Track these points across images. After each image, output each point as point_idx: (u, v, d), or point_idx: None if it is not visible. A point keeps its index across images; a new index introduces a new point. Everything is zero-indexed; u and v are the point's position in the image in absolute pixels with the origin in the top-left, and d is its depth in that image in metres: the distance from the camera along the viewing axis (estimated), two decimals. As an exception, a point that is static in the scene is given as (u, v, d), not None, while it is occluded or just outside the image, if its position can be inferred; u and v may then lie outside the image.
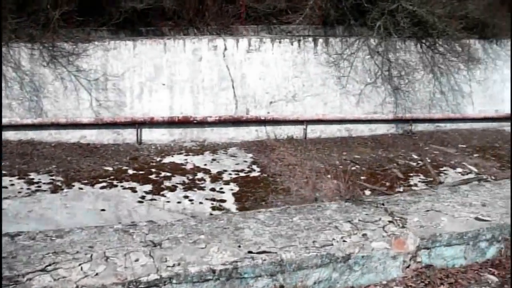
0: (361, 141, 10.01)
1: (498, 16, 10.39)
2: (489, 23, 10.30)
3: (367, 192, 7.45)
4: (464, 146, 10.13)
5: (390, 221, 3.28)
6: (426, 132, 10.71)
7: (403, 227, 3.20)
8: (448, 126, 10.89)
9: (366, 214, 3.36)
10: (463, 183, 7.82)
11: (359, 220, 3.36)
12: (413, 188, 7.72)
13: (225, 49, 9.09)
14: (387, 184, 7.85)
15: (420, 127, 10.63)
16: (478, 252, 3.23)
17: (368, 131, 10.21)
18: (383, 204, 3.41)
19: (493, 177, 8.26)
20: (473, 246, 3.14)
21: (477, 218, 3.03)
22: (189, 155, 8.77)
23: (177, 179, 7.60)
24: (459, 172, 8.52)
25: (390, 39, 9.73)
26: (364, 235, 3.17)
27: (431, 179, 8.12)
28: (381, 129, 10.32)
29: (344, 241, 3.13)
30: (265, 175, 7.91)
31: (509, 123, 10.96)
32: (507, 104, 11.23)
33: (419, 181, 8.06)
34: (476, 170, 8.66)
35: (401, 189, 7.69)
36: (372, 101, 10.14)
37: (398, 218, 3.23)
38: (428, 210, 3.23)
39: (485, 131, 11.23)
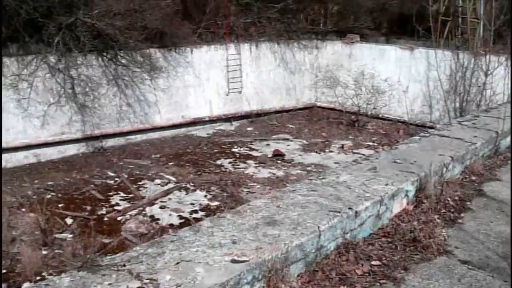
0: (52, 166, 15.61)
1: (175, 25, 18.08)
2: (167, 32, 17.86)
3: (69, 221, 11.90)
4: (158, 156, 16.95)
5: (140, 288, 3.89)
6: (118, 147, 17.25)
7: (157, 292, 3.73)
8: (139, 137, 17.87)
9: (110, 284, 3.89)
10: (164, 194, 13.71)
11: (104, 296, 3.79)
12: (116, 208, 12.85)
13: None
14: (88, 208, 12.77)
15: (111, 142, 17.11)
16: (240, 299, 3.95)
17: (58, 154, 16.04)
18: (124, 266, 4.05)
19: (192, 183, 14.60)
20: (236, 294, 3.88)
21: (234, 261, 3.92)
22: None
23: None
24: (159, 184, 14.55)
25: (70, 54, 15.68)
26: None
27: (132, 195, 13.60)
28: (71, 150, 16.34)
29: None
30: None
31: (196, 128, 19.27)
32: (192, 110, 19.33)
33: (120, 200, 13.40)
34: (174, 179, 14.86)
35: (103, 211, 12.68)
36: (59, 122, 15.92)
37: (148, 281, 3.86)
38: (178, 262, 3.94)
39: (175, 137, 18.75)
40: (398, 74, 21.58)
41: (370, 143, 19.62)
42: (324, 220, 4.55)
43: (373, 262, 4.51)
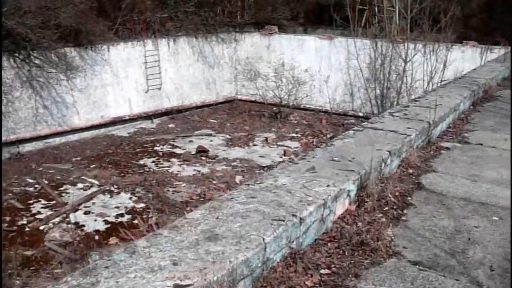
0: (-35, 175, 15.20)
1: (90, 23, 17.53)
2: (83, 30, 17.29)
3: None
4: (79, 159, 16.49)
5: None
6: (36, 151, 16.61)
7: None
8: (58, 140, 17.25)
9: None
10: (88, 199, 13.41)
11: None
12: (38, 216, 12.38)
13: None
14: (7, 219, 12.23)
15: (28, 147, 16.44)
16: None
17: (-30, 162, 15.49)
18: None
19: (116, 186, 14.31)
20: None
21: (177, 286, 3.69)
22: None
23: None
24: (81, 188, 14.19)
25: (-22, 56, 15.23)
26: None
27: (54, 202, 13.19)
28: (-15, 157, 15.84)
29: None
30: None
31: (116, 127, 18.82)
32: (111, 109, 18.84)
33: (42, 207, 12.97)
34: (97, 182, 14.55)
35: (24, 221, 12.23)
36: (-30, 128, 15.41)
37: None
38: (116, 292, 3.37)
39: (95, 139, 18.26)
40: (318, 64, 21.84)
41: (294, 135, 19.78)
42: (269, 231, 4.25)
43: (322, 271, 4.33)
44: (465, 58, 19.16)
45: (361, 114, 21.43)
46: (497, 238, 4.88)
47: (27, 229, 11.95)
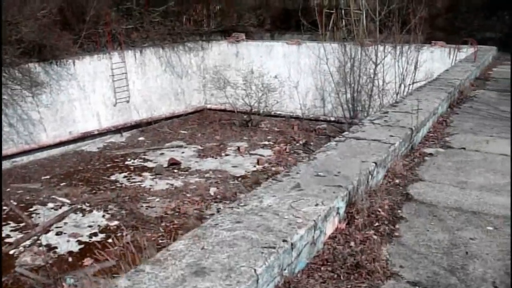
0: None
1: (54, 37, 17.05)
2: (47, 44, 16.82)
3: None
4: (48, 177, 15.99)
5: None
6: (3, 171, 16.01)
7: None
8: (26, 159, 16.76)
9: None
10: (59, 219, 12.91)
11: None
12: (7, 240, 11.79)
13: None
14: None
15: None
16: None
17: None
18: None
19: (87, 204, 13.85)
20: None
21: None
22: None
23: None
24: (52, 208, 13.70)
25: None
26: None
27: (24, 223, 12.69)
28: (-51, 180, 15.25)
29: None
30: None
31: (85, 142, 18.38)
32: (79, 124, 18.39)
33: (11, 230, 12.50)
34: (68, 201, 14.08)
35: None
36: None
37: None
38: None
39: (65, 155, 17.79)
40: (287, 69, 21.69)
41: (266, 142, 19.54)
42: (260, 260, 3.83)
43: (319, 300, 3.92)
44: (434, 58, 19.16)
45: (332, 119, 21.31)
46: (495, 250, 4.65)
47: (-4, 254, 11.32)
